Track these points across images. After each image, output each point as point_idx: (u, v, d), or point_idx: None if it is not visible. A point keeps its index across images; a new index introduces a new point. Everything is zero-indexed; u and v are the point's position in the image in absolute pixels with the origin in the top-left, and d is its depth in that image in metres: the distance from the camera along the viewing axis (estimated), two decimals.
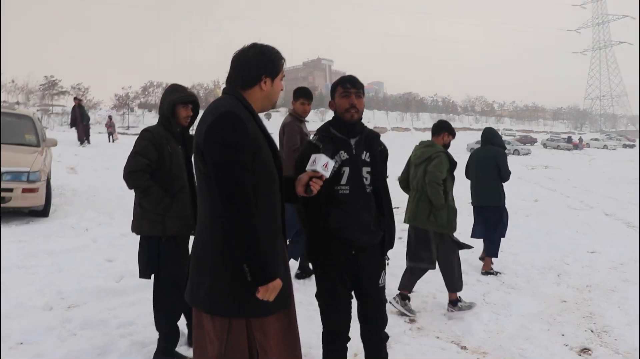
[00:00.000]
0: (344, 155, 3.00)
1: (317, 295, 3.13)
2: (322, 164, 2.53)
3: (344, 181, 2.98)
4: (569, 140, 58.24)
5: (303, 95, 5.60)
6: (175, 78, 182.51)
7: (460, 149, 45.27)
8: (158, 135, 3.62)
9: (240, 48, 2.40)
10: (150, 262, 3.66)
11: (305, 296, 4.92)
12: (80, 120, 20.55)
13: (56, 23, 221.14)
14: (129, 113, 62.05)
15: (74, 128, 21.47)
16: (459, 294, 5.13)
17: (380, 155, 3.13)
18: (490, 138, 6.77)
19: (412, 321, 4.89)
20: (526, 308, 5.33)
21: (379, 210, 3.10)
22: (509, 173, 6.58)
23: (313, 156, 2.57)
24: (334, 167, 2.65)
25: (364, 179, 3.04)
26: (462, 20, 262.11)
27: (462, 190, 7.12)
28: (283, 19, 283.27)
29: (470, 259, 7.09)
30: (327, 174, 2.55)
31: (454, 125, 6.23)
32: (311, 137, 3.28)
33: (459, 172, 5.38)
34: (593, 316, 5.18)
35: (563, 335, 4.68)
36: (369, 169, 3.06)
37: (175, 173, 3.63)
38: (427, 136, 5.79)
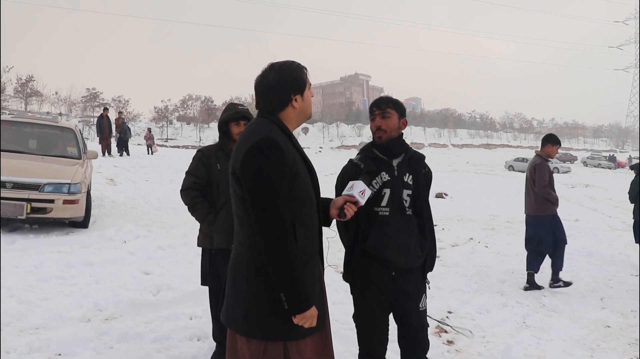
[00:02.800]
0: (385, 176, 2.95)
1: (355, 317, 3.09)
2: (359, 191, 2.51)
3: (384, 203, 2.94)
4: (613, 159, 56.63)
5: (550, 140, 6.69)
6: (214, 91, 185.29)
7: (497, 166, 44.79)
8: (208, 154, 3.95)
9: (259, 73, 2.38)
10: (205, 272, 3.98)
11: (342, 314, 4.86)
12: (107, 130, 20.66)
13: (99, 36, 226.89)
14: (167, 125, 63.15)
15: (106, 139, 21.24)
16: None
17: (423, 177, 3.08)
18: None
19: (450, 342, 4.79)
20: (568, 332, 5.17)
21: (421, 232, 3.04)
22: None
23: (351, 182, 2.57)
24: (372, 191, 2.63)
25: (404, 201, 2.99)
26: (500, 37, 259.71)
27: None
28: (321, 34, 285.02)
29: (509, 280, 6.94)
30: (362, 201, 2.52)
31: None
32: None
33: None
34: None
35: None
36: (409, 192, 3.00)
37: (222, 190, 3.83)
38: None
